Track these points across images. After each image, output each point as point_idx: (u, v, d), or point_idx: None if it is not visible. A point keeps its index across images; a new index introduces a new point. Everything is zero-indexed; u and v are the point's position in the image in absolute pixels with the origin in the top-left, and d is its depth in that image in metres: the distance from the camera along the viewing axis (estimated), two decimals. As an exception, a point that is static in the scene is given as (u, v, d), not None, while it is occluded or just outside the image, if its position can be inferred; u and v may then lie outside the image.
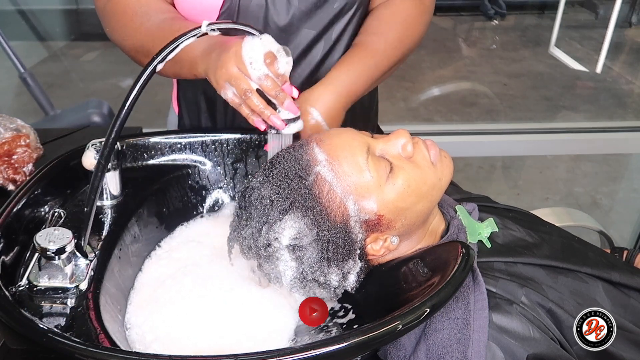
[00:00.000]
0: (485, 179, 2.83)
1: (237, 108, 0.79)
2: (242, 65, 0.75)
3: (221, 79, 0.77)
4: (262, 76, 0.75)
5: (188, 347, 0.72)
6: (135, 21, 0.91)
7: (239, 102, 0.78)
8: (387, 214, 0.73)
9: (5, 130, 1.15)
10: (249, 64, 0.75)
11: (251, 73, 0.75)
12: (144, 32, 0.90)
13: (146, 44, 0.89)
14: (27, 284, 0.68)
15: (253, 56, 0.74)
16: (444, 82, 3.84)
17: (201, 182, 0.95)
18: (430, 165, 0.76)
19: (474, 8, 4.87)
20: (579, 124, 3.36)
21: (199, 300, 0.77)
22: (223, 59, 0.76)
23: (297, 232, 0.71)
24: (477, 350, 0.66)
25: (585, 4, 4.99)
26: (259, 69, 0.75)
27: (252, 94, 0.75)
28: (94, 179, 0.68)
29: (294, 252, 0.72)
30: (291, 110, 0.77)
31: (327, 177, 0.72)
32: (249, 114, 0.78)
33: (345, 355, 0.60)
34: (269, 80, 0.75)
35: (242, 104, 0.78)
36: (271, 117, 0.76)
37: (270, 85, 0.75)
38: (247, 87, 0.75)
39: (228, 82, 0.76)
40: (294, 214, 0.72)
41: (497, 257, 0.78)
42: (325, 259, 0.72)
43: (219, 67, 0.77)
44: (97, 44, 3.95)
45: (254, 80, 0.75)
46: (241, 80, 0.75)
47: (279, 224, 0.72)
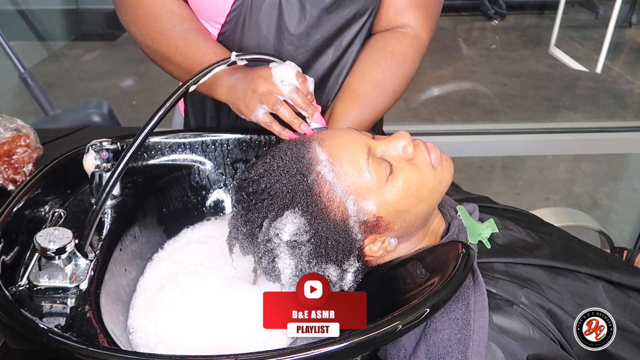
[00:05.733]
0: (485, 179, 2.83)
1: (268, 127, 0.84)
2: (272, 86, 0.82)
3: (252, 103, 0.83)
4: (293, 91, 0.82)
5: (192, 349, 0.72)
6: (159, 25, 0.92)
7: (270, 121, 0.83)
8: (386, 216, 0.73)
9: (5, 130, 1.15)
10: (280, 82, 0.83)
11: (283, 90, 0.82)
12: (167, 39, 0.92)
13: (167, 51, 0.92)
14: (27, 283, 0.68)
15: (284, 76, 0.83)
16: (444, 82, 3.83)
17: (201, 182, 0.95)
18: (431, 167, 0.76)
19: (474, 8, 4.88)
20: (579, 124, 3.36)
21: (201, 301, 0.77)
22: (254, 85, 0.83)
23: (297, 228, 0.71)
24: (477, 350, 0.66)
25: (585, 4, 4.99)
26: (289, 85, 0.83)
27: (281, 105, 0.81)
28: (104, 188, 0.69)
29: (293, 249, 0.72)
30: (319, 122, 0.84)
31: (327, 176, 0.72)
32: (280, 131, 0.83)
33: (345, 355, 0.59)
34: (300, 94, 0.82)
35: (272, 122, 0.83)
36: (302, 126, 0.82)
37: (301, 98, 0.82)
38: (277, 100, 0.81)
39: (259, 102, 0.83)
40: (294, 210, 0.72)
41: (497, 257, 0.78)
42: (323, 257, 0.72)
43: (249, 93, 0.84)
44: (97, 44, 3.95)
45: (286, 95, 0.82)
46: (272, 96, 0.82)
47: (280, 220, 0.72)
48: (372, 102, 0.94)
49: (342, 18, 0.94)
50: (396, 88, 0.96)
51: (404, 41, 0.96)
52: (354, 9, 0.94)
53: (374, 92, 0.94)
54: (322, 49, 0.97)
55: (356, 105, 0.93)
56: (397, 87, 0.96)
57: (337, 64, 0.98)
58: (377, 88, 0.94)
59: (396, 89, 0.96)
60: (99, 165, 0.82)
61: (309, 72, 0.98)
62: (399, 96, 0.98)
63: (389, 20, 0.98)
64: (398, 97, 0.98)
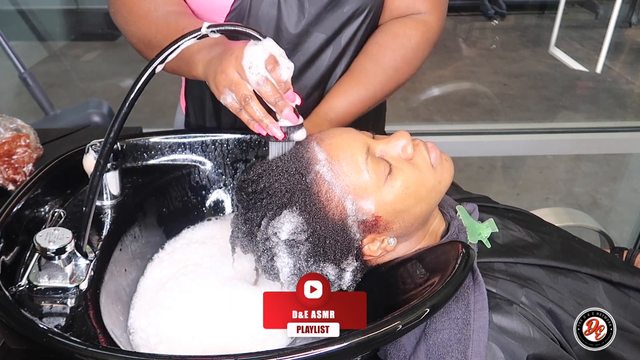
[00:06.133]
0: (485, 179, 2.83)
1: (237, 114, 0.75)
2: (242, 70, 0.72)
3: (220, 85, 0.74)
4: (260, 81, 0.71)
5: (193, 349, 0.72)
6: (142, 7, 0.90)
7: (239, 108, 0.74)
8: (385, 216, 0.73)
9: (5, 130, 1.15)
10: (248, 67, 0.71)
11: (249, 77, 0.71)
12: (150, 21, 0.89)
13: (149, 34, 0.88)
14: (27, 284, 0.68)
15: (253, 61, 0.71)
16: (444, 82, 3.83)
17: (201, 182, 0.95)
18: (430, 167, 0.76)
19: (474, 8, 4.87)
20: (579, 124, 3.36)
21: (201, 301, 0.77)
22: (224, 64, 0.73)
23: (294, 227, 0.72)
24: (477, 350, 0.66)
25: (585, 4, 4.99)
26: (257, 74, 0.71)
27: (251, 100, 0.72)
28: (93, 178, 0.68)
29: (292, 248, 0.73)
30: (290, 120, 0.73)
31: (326, 176, 0.72)
32: (249, 120, 0.75)
33: (346, 355, 0.60)
34: (269, 85, 0.71)
35: (242, 110, 0.74)
36: (270, 126, 0.73)
37: (269, 91, 0.71)
38: (246, 93, 0.72)
39: (228, 87, 0.73)
40: (292, 209, 0.72)
41: (497, 257, 0.78)
42: (321, 256, 0.72)
43: (219, 72, 0.74)
44: (97, 44, 3.94)
45: (252, 85, 0.71)
46: (241, 86, 0.72)
47: (278, 219, 0.72)
48: (370, 80, 0.93)
49: (341, 15, 0.94)
50: (398, 67, 0.95)
51: (409, 24, 0.97)
52: (352, 7, 0.94)
53: (373, 69, 0.94)
54: (320, 49, 0.96)
55: (354, 83, 0.92)
56: (399, 67, 0.95)
57: (336, 64, 0.98)
58: (377, 65, 0.94)
59: (398, 69, 0.95)
60: (99, 165, 0.82)
61: (307, 72, 0.98)
62: (402, 77, 0.96)
63: (400, 11, 0.98)
64: (401, 78, 0.96)
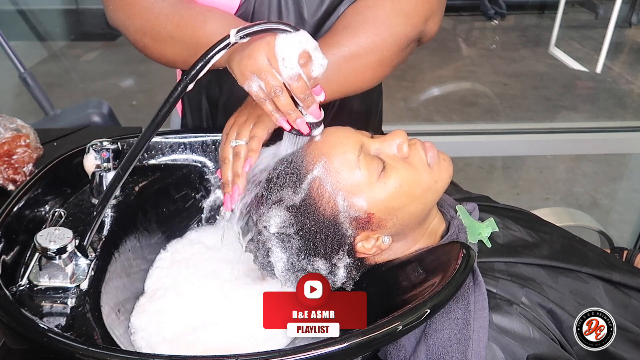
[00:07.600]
0: (485, 179, 2.83)
1: (260, 103, 0.73)
2: (273, 59, 0.68)
3: (247, 69, 0.70)
4: (294, 76, 0.68)
5: (193, 349, 0.72)
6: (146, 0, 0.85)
7: (264, 98, 0.71)
8: (378, 213, 0.74)
9: (5, 130, 1.15)
10: (281, 59, 0.68)
11: (282, 70, 0.68)
12: (156, 12, 0.84)
13: (157, 25, 0.84)
14: (27, 283, 0.68)
15: (287, 53, 0.68)
16: (444, 82, 3.84)
17: (201, 182, 0.95)
18: (427, 167, 0.76)
19: (474, 8, 4.87)
20: (579, 124, 3.36)
21: (202, 301, 0.77)
22: (253, 48, 0.69)
23: (283, 220, 0.73)
24: (477, 350, 0.66)
25: (585, 4, 4.99)
26: (291, 68, 0.68)
27: (282, 93, 0.70)
28: (109, 189, 0.69)
29: (283, 242, 0.74)
30: (315, 115, 0.73)
31: (318, 173, 0.73)
32: (272, 111, 0.72)
33: (346, 355, 0.60)
34: (301, 82, 0.69)
35: (266, 100, 0.72)
36: (298, 121, 0.72)
37: (301, 87, 0.69)
38: (277, 85, 0.69)
39: (256, 74, 0.70)
40: (283, 204, 0.73)
41: (498, 257, 0.78)
42: (312, 250, 0.73)
43: (246, 57, 0.70)
44: (97, 44, 3.94)
45: (285, 79, 0.69)
46: (271, 75, 0.69)
47: (268, 213, 0.74)
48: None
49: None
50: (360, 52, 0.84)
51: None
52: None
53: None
54: None
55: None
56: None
57: None
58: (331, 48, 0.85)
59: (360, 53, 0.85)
60: (99, 165, 0.82)
61: None
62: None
63: None
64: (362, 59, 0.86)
